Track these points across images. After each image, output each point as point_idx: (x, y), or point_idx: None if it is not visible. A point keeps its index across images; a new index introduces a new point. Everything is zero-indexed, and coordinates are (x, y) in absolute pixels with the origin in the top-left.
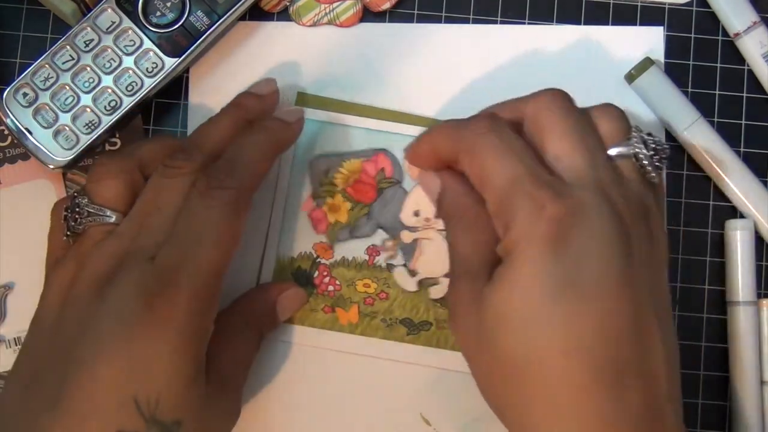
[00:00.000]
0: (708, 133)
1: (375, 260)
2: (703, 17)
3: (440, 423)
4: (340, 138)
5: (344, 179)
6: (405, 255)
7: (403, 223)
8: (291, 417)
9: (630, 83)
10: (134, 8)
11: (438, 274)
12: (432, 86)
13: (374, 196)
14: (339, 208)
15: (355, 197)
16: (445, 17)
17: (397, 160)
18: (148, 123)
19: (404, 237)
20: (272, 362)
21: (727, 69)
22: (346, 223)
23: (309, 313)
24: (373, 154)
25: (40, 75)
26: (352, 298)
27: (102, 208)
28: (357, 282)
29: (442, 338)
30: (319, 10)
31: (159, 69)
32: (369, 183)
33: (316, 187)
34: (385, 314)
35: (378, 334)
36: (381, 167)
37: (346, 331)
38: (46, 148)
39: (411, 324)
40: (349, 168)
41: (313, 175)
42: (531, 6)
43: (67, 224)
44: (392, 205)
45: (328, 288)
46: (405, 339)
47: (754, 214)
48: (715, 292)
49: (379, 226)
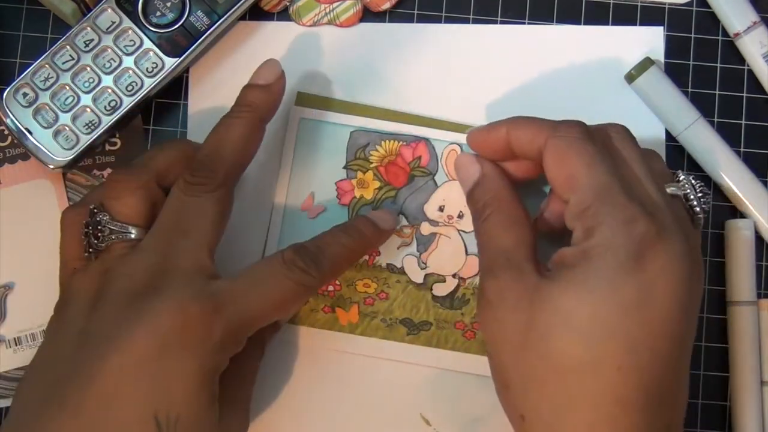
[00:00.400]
0: (708, 133)
1: (375, 260)
2: (703, 17)
3: (440, 423)
4: (341, 138)
5: (380, 158)
6: (419, 246)
7: (426, 215)
8: (291, 417)
9: (630, 83)
10: (134, 8)
11: (447, 272)
12: (432, 86)
13: (405, 181)
14: (367, 185)
15: (385, 178)
16: (445, 17)
17: (435, 152)
18: (148, 123)
19: (423, 228)
20: (272, 362)
21: (727, 69)
22: (370, 201)
23: (309, 313)
24: (413, 140)
25: (40, 75)
26: (352, 298)
27: (124, 225)
28: (357, 282)
29: (442, 338)
30: (319, 10)
31: (159, 69)
32: (403, 167)
33: (350, 159)
34: (385, 314)
35: (378, 334)
36: (419, 155)
37: (346, 331)
38: (46, 148)
39: (411, 324)
40: (386, 148)
41: (351, 147)
42: (531, 6)
43: (88, 241)
44: (420, 195)
45: (328, 288)
46: (405, 339)
47: (754, 214)
48: (715, 292)
49: (402, 212)
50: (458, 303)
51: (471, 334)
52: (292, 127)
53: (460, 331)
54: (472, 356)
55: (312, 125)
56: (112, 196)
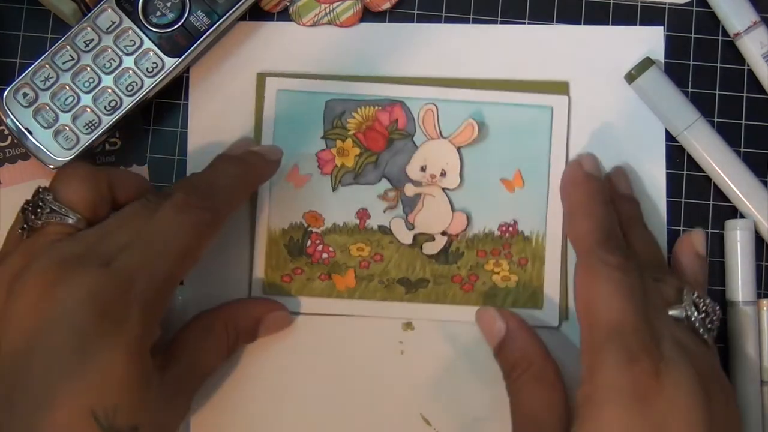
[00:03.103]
0: (708, 133)
1: (366, 224)
2: (703, 17)
3: (440, 423)
4: (316, 108)
5: (357, 125)
6: (405, 207)
7: (408, 176)
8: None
9: (630, 83)
10: (134, 8)
11: (435, 231)
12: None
13: (384, 145)
14: (347, 153)
15: (365, 144)
16: (445, 17)
17: (412, 114)
18: (148, 123)
19: (407, 190)
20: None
21: (727, 69)
22: (351, 168)
23: (306, 282)
24: (388, 104)
25: (40, 75)
26: (347, 264)
27: (64, 208)
28: (350, 247)
29: (441, 293)
30: (319, 10)
31: (159, 69)
32: (381, 132)
33: (328, 128)
34: (381, 276)
35: (377, 296)
36: (395, 118)
37: (344, 296)
38: (46, 148)
39: (408, 283)
40: (363, 114)
41: (327, 116)
42: (531, 6)
43: (25, 217)
44: (400, 157)
45: (322, 256)
46: (404, 298)
47: (754, 214)
48: (715, 292)
49: (385, 176)
50: (453, 258)
51: (469, 287)
52: (270, 101)
53: (457, 284)
54: (471, 308)
55: (288, 96)
56: (60, 178)
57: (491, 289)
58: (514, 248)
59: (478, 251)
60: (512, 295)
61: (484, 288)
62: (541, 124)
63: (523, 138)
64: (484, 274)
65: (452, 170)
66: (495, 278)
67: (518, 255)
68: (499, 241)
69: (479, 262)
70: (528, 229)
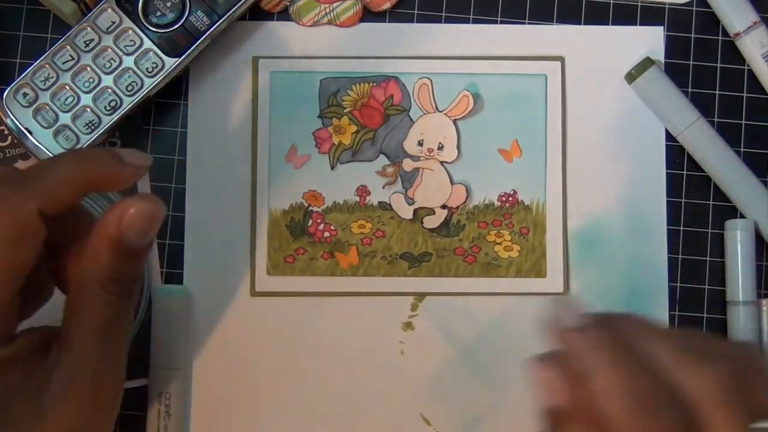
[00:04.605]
0: (708, 133)
1: (366, 200)
2: (703, 17)
3: (440, 423)
4: (311, 87)
5: (352, 102)
6: (404, 182)
7: (406, 151)
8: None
9: (630, 83)
10: (134, 8)
11: (435, 204)
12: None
13: (380, 121)
14: (344, 130)
15: (361, 121)
16: (445, 17)
17: (406, 89)
18: (148, 123)
19: (405, 165)
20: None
21: (727, 69)
22: (349, 146)
23: (309, 262)
24: (383, 80)
25: (40, 75)
26: (349, 241)
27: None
28: (351, 224)
29: (444, 267)
30: (319, 10)
31: (159, 69)
32: (376, 108)
33: (323, 107)
34: (384, 251)
35: (380, 272)
36: (390, 94)
37: (347, 274)
38: (46, 148)
39: (411, 257)
40: (358, 91)
41: (323, 95)
42: (531, 6)
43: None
44: (397, 132)
45: (324, 234)
46: (408, 273)
47: (754, 214)
48: (716, 292)
49: (382, 152)
50: (454, 230)
51: (472, 258)
52: (264, 82)
53: (460, 257)
54: (475, 279)
55: (282, 77)
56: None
57: (494, 260)
58: (515, 218)
59: (479, 223)
60: (515, 265)
61: (487, 259)
62: (536, 93)
63: (519, 107)
64: (486, 246)
65: (449, 143)
66: (497, 249)
67: (519, 224)
68: (499, 211)
69: (481, 233)
70: (528, 198)
